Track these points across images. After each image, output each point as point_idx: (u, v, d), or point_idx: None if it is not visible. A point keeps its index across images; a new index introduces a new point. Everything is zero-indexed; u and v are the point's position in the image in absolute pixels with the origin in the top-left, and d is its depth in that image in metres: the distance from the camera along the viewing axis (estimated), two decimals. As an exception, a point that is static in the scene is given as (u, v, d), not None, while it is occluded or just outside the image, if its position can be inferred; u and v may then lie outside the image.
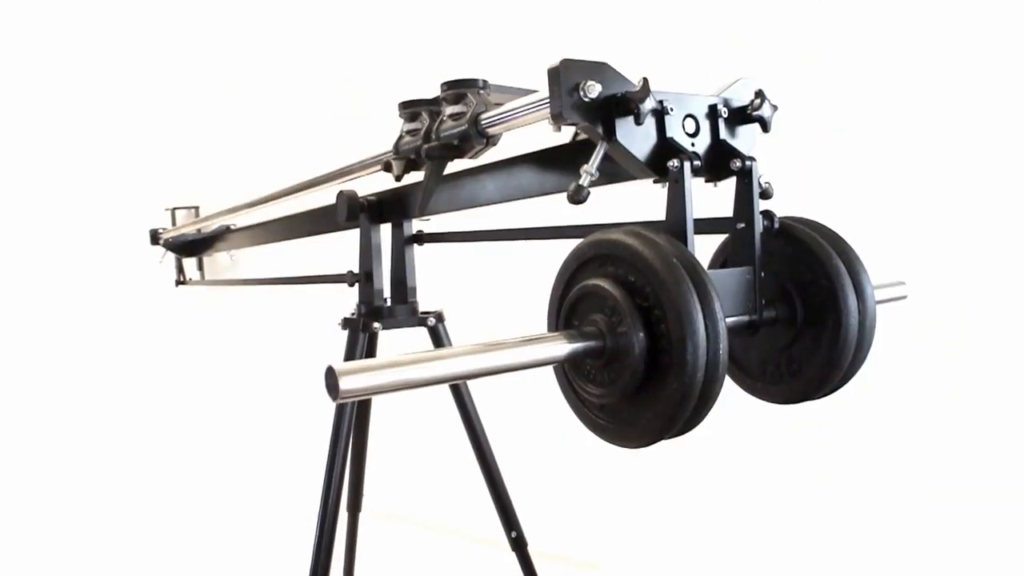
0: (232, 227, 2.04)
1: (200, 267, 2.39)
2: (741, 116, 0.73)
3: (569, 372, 0.66)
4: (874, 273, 0.81)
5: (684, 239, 0.65)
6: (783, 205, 0.75)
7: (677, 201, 0.66)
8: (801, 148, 1.46)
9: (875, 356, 0.71)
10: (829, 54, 1.55)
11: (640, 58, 1.71)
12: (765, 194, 0.74)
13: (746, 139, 0.74)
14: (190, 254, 2.27)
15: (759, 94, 0.73)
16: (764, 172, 0.74)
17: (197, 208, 2.30)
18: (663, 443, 0.60)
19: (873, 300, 0.70)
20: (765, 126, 0.73)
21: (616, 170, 0.71)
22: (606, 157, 0.67)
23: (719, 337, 0.57)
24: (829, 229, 0.73)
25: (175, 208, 2.27)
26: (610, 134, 0.65)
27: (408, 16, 2.04)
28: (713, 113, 0.72)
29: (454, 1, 2.02)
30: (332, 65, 2.20)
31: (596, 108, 0.65)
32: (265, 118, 2.27)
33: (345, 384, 0.50)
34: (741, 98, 0.74)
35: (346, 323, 1.25)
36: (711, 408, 0.60)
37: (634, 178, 0.71)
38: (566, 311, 0.66)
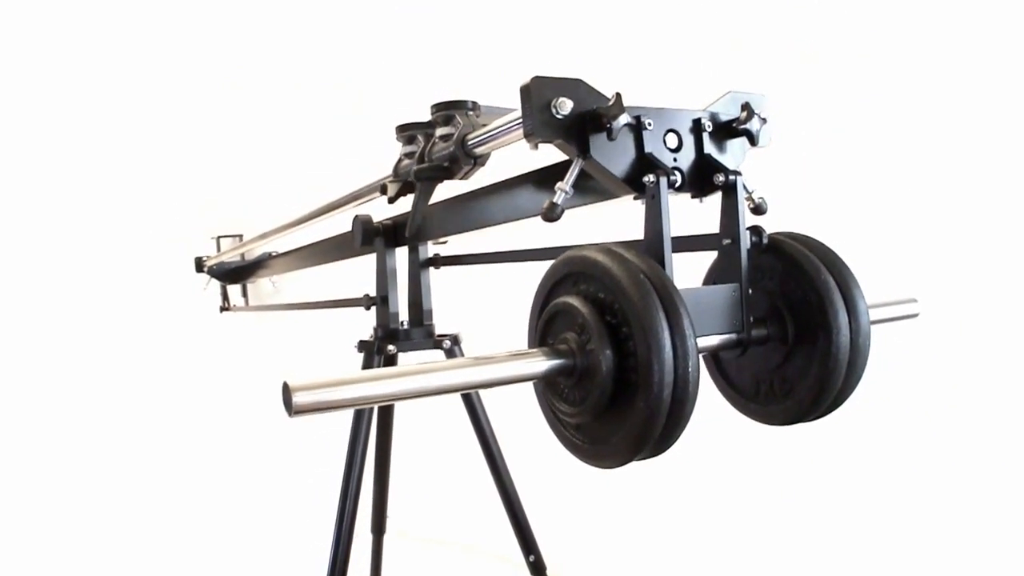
0: (273, 254, 2.10)
1: (244, 293, 2.47)
2: (727, 130, 0.72)
3: (545, 391, 0.66)
4: (881, 287, 0.78)
5: (661, 256, 0.64)
6: (783, 207, 0.73)
7: (654, 217, 0.65)
8: (801, 148, 1.43)
9: (871, 367, 0.67)
10: (829, 54, 1.52)
11: (640, 59, 1.71)
12: (759, 209, 0.72)
13: (735, 153, 0.72)
14: (233, 281, 2.34)
15: (746, 107, 0.71)
16: (758, 186, 0.72)
17: (241, 236, 2.38)
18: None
19: (867, 317, 0.67)
20: (753, 140, 0.71)
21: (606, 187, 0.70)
22: (584, 174, 0.67)
23: (688, 355, 0.55)
24: (820, 243, 0.70)
25: (220, 236, 2.36)
26: (584, 151, 0.65)
27: (435, 29, 2.07)
28: (697, 127, 0.70)
29: (466, 9, 2.04)
30: (357, 82, 2.25)
31: (569, 125, 0.64)
32: (301, 144, 2.34)
33: (298, 399, 0.51)
34: (729, 111, 0.72)
35: (362, 346, 1.26)
36: (684, 427, 0.58)
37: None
38: (541, 329, 0.65)
